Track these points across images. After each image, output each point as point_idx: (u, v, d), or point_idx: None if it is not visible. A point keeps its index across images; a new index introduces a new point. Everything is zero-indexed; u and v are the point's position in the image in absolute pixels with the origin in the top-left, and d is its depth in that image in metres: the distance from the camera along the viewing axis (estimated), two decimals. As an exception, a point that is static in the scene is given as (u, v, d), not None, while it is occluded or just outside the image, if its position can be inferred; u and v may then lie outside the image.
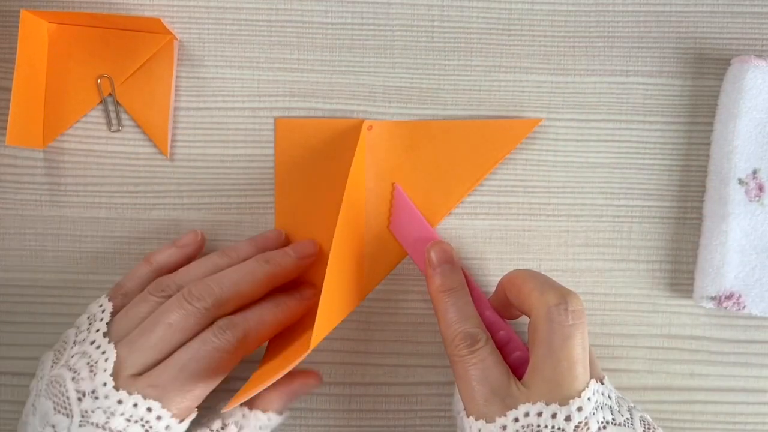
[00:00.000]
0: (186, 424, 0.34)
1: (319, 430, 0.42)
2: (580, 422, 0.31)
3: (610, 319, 0.42)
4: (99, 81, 0.41)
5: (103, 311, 0.36)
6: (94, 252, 0.42)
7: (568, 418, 0.31)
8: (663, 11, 0.42)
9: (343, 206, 0.37)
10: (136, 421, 0.32)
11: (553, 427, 0.31)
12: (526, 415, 0.32)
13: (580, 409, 0.31)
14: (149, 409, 0.33)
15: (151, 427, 0.33)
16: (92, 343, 0.34)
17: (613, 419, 0.32)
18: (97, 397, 0.32)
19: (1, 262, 0.42)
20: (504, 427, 0.32)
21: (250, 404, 0.36)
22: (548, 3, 0.42)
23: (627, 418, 0.33)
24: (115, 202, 0.42)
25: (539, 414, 0.32)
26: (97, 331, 0.34)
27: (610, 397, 0.33)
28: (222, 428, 0.36)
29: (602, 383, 0.34)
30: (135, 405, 0.32)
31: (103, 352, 0.33)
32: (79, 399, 0.32)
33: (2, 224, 0.42)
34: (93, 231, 0.42)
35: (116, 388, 0.32)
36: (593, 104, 0.42)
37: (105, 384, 0.32)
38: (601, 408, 0.32)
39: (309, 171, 0.41)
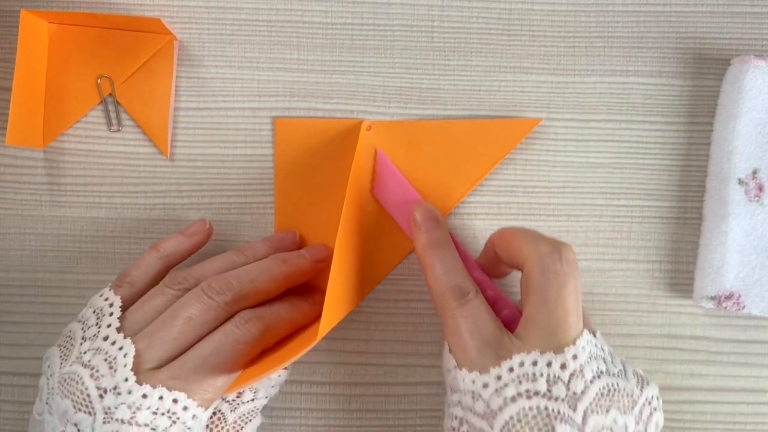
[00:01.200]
0: (210, 410, 0.34)
1: (319, 430, 0.42)
2: (575, 370, 0.31)
3: (610, 319, 0.42)
4: (99, 81, 0.41)
5: (111, 305, 0.35)
6: (94, 252, 0.42)
7: (563, 366, 0.31)
8: (663, 11, 0.42)
9: (344, 205, 0.37)
10: (163, 414, 0.32)
11: (548, 375, 0.31)
12: (521, 364, 0.31)
13: (575, 356, 0.31)
14: (175, 401, 0.33)
15: (178, 418, 0.33)
16: (106, 338, 0.34)
17: (606, 369, 0.32)
18: (119, 393, 0.32)
19: (1, 262, 0.42)
20: (499, 377, 0.32)
21: None
22: (548, 3, 0.42)
23: (620, 370, 0.33)
24: (115, 202, 0.42)
25: (534, 363, 0.31)
26: (109, 326, 0.34)
27: (603, 350, 0.33)
28: (238, 396, 0.36)
29: (595, 336, 0.33)
30: (161, 398, 0.32)
31: (120, 348, 0.33)
32: (101, 396, 0.32)
33: (2, 224, 0.42)
34: (93, 231, 0.42)
35: (139, 382, 0.32)
36: (593, 104, 0.42)
37: (127, 379, 0.32)
38: (595, 358, 0.32)
39: (309, 171, 0.41)
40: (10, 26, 0.42)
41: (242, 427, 0.37)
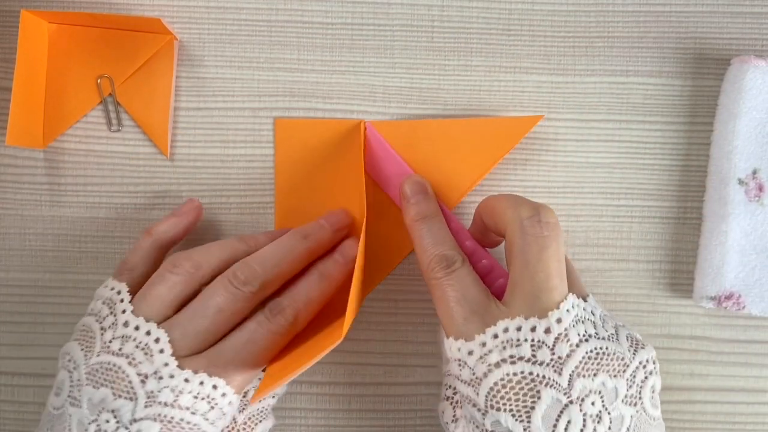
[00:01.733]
0: (241, 396, 0.35)
1: (319, 430, 0.42)
2: (560, 334, 0.31)
3: (610, 319, 0.42)
4: (99, 81, 0.41)
5: (119, 292, 0.35)
6: (94, 252, 0.42)
7: (547, 331, 0.31)
8: (663, 11, 0.42)
9: (364, 203, 0.37)
10: (203, 399, 0.33)
11: (533, 340, 0.31)
12: (505, 330, 0.31)
13: (559, 320, 0.31)
14: (215, 387, 0.33)
15: (216, 404, 0.33)
16: (126, 324, 0.34)
17: (595, 333, 0.32)
18: (161, 378, 0.33)
19: (1, 262, 0.42)
20: (483, 344, 0.31)
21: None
22: (548, 3, 0.42)
23: (611, 333, 0.32)
24: (115, 202, 0.42)
25: (518, 328, 0.31)
26: (124, 312, 0.34)
27: (593, 314, 0.33)
28: (244, 396, 0.36)
29: (585, 300, 0.33)
30: (201, 383, 0.33)
31: (148, 332, 0.33)
32: (143, 381, 0.32)
33: (2, 224, 0.42)
34: (93, 231, 0.42)
35: (180, 367, 0.33)
36: (593, 104, 0.42)
37: (167, 364, 0.33)
38: (582, 322, 0.32)
39: (309, 171, 0.41)
40: (10, 26, 0.42)
41: (252, 428, 0.37)
